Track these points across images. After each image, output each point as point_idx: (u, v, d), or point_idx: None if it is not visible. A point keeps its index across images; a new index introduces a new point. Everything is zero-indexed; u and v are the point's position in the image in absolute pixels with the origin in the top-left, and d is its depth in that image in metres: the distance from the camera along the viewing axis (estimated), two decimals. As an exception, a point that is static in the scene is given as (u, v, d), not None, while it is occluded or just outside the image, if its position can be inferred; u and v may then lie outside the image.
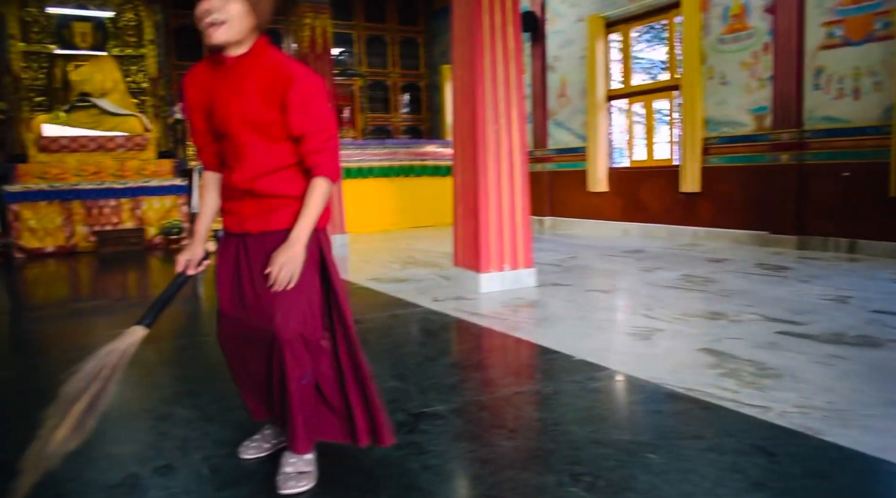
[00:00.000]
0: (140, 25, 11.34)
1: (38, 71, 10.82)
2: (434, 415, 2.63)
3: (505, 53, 5.25)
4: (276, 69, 1.90)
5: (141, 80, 11.33)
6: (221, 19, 1.83)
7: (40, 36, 10.83)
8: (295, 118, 1.88)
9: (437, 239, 9.33)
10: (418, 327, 4.30)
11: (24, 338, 4.69)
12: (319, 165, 1.93)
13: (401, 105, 14.08)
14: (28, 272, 7.78)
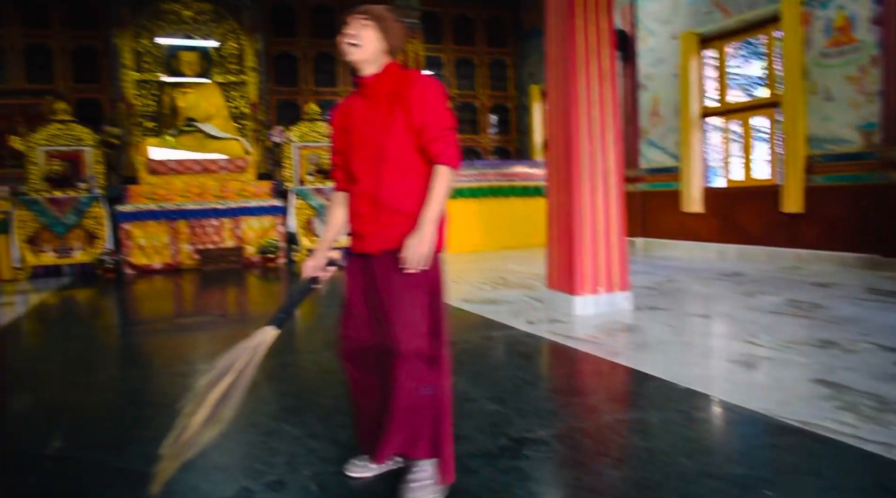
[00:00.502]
0: (242, 54, 11.89)
1: (149, 98, 11.50)
2: (537, 440, 2.61)
3: (600, 74, 5.21)
4: (400, 77, 2.16)
5: (242, 106, 11.86)
6: (357, 42, 2.13)
7: (151, 65, 11.53)
8: (416, 111, 2.08)
9: (526, 260, 9.29)
10: (514, 350, 4.28)
11: (132, 350, 4.95)
12: (439, 154, 2.09)
13: (489, 126, 14.16)
14: (137, 288, 8.21)
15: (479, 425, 2.80)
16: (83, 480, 2.42)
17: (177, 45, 11.61)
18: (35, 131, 9.89)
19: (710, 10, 9.13)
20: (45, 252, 9.31)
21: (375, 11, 2.17)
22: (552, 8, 5.37)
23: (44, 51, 11.34)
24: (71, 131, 9.94)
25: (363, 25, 2.14)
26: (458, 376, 3.57)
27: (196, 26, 11.75)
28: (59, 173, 9.57)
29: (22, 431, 3.01)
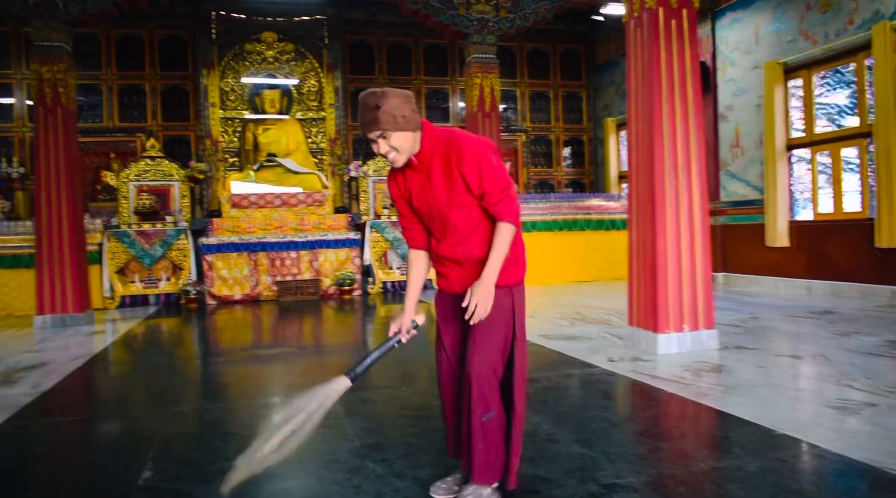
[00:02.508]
0: (321, 91, 12.25)
1: (233, 134, 11.96)
2: (628, 487, 2.50)
3: (683, 106, 5.11)
4: (447, 148, 2.22)
5: (320, 141, 12.18)
6: (394, 153, 2.20)
7: (235, 103, 12.02)
8: (474, 183, 2.20)
9: (603, 295, 9.12)
10: (596, 389, 4.16)
11: (215, 381, 5.07)
12: (501, 213, 2.23)
13: (563, 159, 14.08)
14: (218, 318, 8.44)
15: (566, 469, 2.71)
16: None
17: (260, 83, 12.07)
18: (127, 167, 10.38)
19: (794, 38, 8.88)
20: (133, 282, 9.70)
21: (384, 118, 2.12)
22: (634, 40, 5.32)
23: (137, 91, 11.97)
24: (160, 167, 10.40)
25: (385, 138, 2.16)
26: (541, 415, 3.50)
27: (278, 65, 12.19)
28: (148, 207, 9.99)
29: (113, 460, 3.09)
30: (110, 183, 10.91)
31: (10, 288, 9.17)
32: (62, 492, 2.76)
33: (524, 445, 2.96)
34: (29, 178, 11.13)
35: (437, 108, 13.29)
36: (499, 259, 2.22)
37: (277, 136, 11.57)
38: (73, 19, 8.04)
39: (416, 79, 13.12)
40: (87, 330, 7.57)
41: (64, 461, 3.21)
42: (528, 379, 4.26)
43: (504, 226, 2.22)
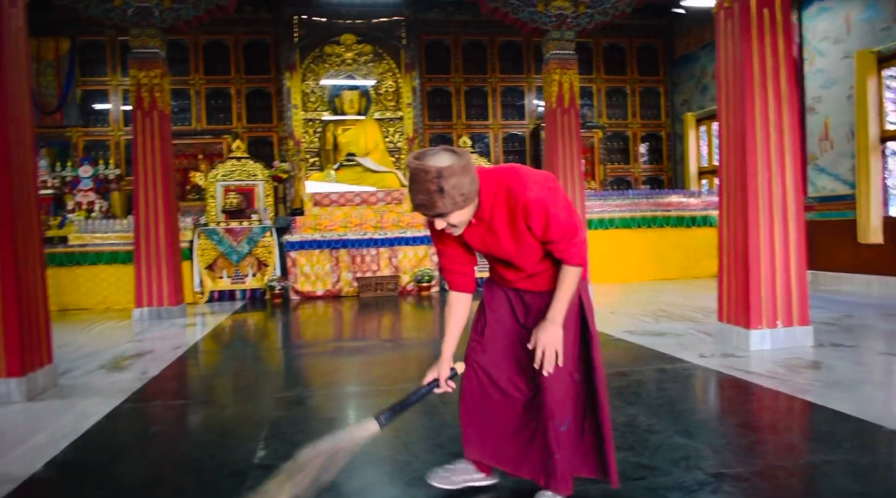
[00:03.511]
0: (398, 91, 12.46)
1: (314, 135, 12.29)
2: (736, 477, 2.49)
3: (777, 98, 4.99)
4: (509, 197, 2.01)
5: (398, 140, 12.38)
6: (456, 230, 2.03)
7: (316, 105, 12.35)
8: (540, 232, 2.03)
9: (683, 292, 8.96)
10: (690, 383, 4.13)
11: (304, 370, 5.24)
12: (567, 258, 2.09)
13: (641, 155, 13.88)
14: (302, 312, 8.68)
15: (670, 458, 2.72)
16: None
17: (339, 85, 12.36)
18: (214, 168, 10.80)
19: (888, 26, 8.52)
20: (221, 278, 10.08)
21: (445, 204, 1.86)
22: (725, 31, 5.22)
23: (223, 95, 12.43)
24: (245, 167, 10.76)
25: (446, 219, 1.95)
26: (637, 407, 3.50)
27: (356, 67, 12.45)
28: (235, 206, 10.37)
29: (228, 440, 3.26)
30: (198, 183, 11.37)
31: (109, 283, 9.67)
32: (184, 467, 2.93)
33: (623, 435, 3.00)
34: (124, 179, 11.71)
35: (512, 106, 13.30)
36: (565, 300, 2.09)
37: (356, 136, 11.83)
38: (168, 27, 8.43)
39: (492, 77, 13.16)
40: (182, 322, 7.92)
41: (182, 440, 3.41)
42: (619, 373, 4.30)
43: (569, 270, 2.10)
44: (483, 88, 13.10)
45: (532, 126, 13.20)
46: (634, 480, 2.50)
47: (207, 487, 2.60)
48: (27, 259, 4.35)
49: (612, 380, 4.13)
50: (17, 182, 4.27)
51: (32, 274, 4.43)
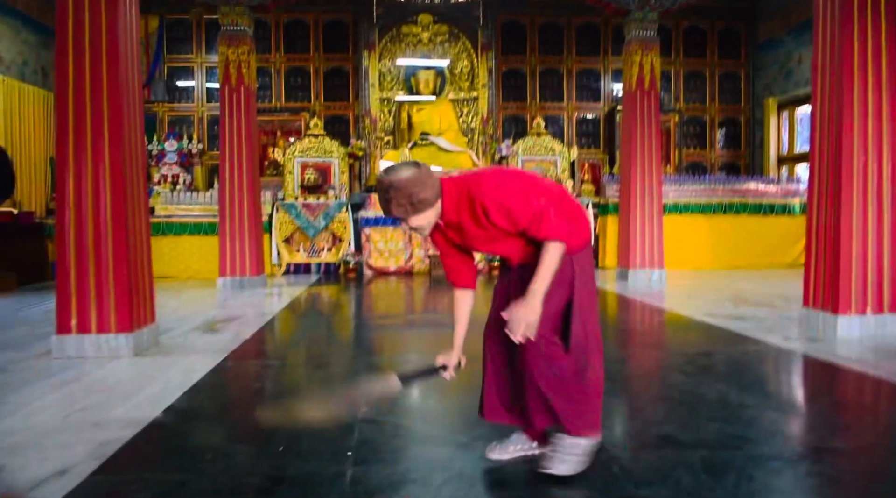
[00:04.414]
0: (474, 71, 12.50)
1: (388, 114, 12.47)
2: (835, 451, 2.51)
3: (877, 81, 4.85)
4: (470, 203, 2.19)
5: (472, 121, 12.45)
6: (422, 231, 2.22)
7: (391, 84, 12.51)
8: (507, 225, 2.18)
9: (762, 280, 8.80)
10: (778, 364, 4.11)
11: (365, 341, 5.42)
12: (541, 233, 2.16)
13: (717, 141, 13.59)
14: (374, 287, 8.89)
15: (765, 431, 2.75)
16: (394, 440, 2.74)
17: (415, 65, 12.49)
18: (292, 144, 11.08)
19: None
20: (298, 251, 10.38)
21: (397, 209, 2.11)
22: (823, 11, 5.09)
23: (302, 72, 12.70)
24: (322, 144, 11.01)
25: (409, 221, 2.16)
26: (727, 384, 3.53)
27: (433, 47, 12.54)
28: (313, 182, 10.64)
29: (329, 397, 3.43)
30: (276, 159, 11.69)
31: (191, 252, 10.07)
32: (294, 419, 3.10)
33: (715, 409, 3.04)
34: (206, 154, 12.14)
35: (588, 88, 13.18)
36: (546, 276, 2.15)
37: (430, 116, 11.95)
38: (255, 5, 8.69)
39: (567, 58, 13.07)
40: (262, 292, 8.22)
41: (284, 395, 3.60)
42: (704, 353, 4.31)
43: (547, 244, 2.16)
44: (558, 70, 13.02)
45: (607, 109, 13.07)
46: (732, 448, 2.54)
47: (320, 436, 2.76)
48: (136, 226, 4.62)
49: (698, 359, 4.15)
50: (128, 156, 4.54)
51: (139, 240, 4.71)
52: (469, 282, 2.46)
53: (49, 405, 3.35)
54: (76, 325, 4.40)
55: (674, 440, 2.65)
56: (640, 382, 3.87)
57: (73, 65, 4.40)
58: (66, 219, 4.38)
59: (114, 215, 4.41)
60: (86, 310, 4.40)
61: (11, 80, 9.89)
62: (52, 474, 2.42)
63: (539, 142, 11.26)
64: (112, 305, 4.43)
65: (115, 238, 4.41)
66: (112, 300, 4.43)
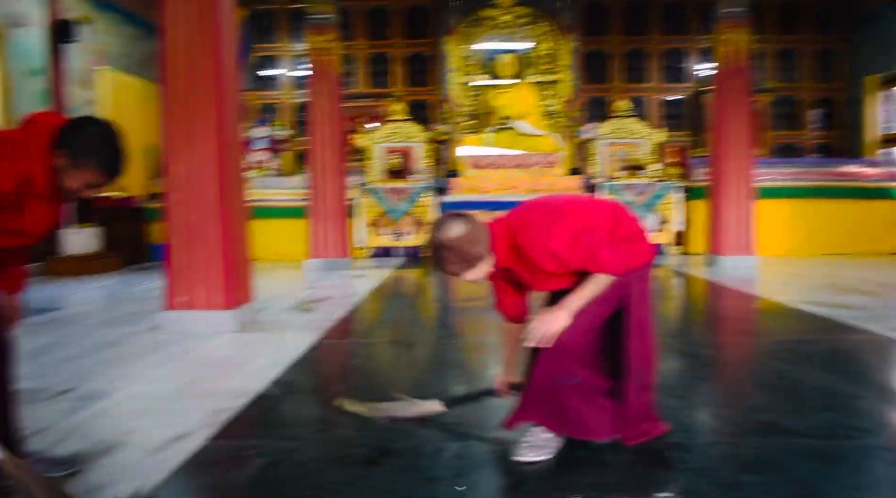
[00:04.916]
0: (556, 53, 12.36)
1: (469, 98, 12.50)
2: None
3: None
4: (520, 250, 2.16)
5: (554, 104, 12.33)
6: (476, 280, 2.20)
7: (472, 68, 12.52)
8: (558, 268, 2.17)
9: (861, 268, 8.41)
10: (887, 355, 3.95)
11: (447, 323, 5.53)
12: (595, 269, 2.17)
13: (810, 121, 13.01)
14: (458, 271, 8.96)
15: (879, 422, 2.69)
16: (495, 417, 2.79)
17: (495, 48, 12.44)
18: (375, 130, 11.26)
19: None
20: (382, 235, 10.57)
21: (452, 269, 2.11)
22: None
23: (383, 59, 12.87)
24: (404, 129, 11.14)
25: (464, 276, 2.14)
26: (833, 374, 3.44)
27: (513, 30, 12.47)
28: (395, 166, 10.80)
29: (424, 376, 3.53)
30: (359, 144, 11.89)
31: (280, 235, 10.37)
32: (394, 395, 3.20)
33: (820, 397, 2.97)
34: (293, 140, 12.47)
35: (673, 69, 12.84)
36: (585, 296, 2.19)
37: (512, 100, 11.89)
38: (341, -7, 8.86)
39: (652, 38, 12.76)
40: (349, 274, 8.44)
41: (381, 372, 3.73)
42: (806, 341, 4.19)
43: (598, 275, 2.18)
44: (642, 50, 12.73)
45: (693, 90, 12.69)
46: (843, 438, 2.48)
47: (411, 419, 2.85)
48: (235, 210, 4.83)
49: (798, 347, 4.04)
50: (229, 142, 4.74)
51: (239, 223, 4.92)
52: (519, 316, 2.47)
53: (163, 376, 3.57)
54: (183, 301, 4.65)
55: (779, 428, 2.60)
56: (737, 368, 3.81)
57: (178, 57, 4.61)
58: (175, 201, 4.61)
59: (217, 198, 4.62)
60: (192, 287, 4.63)
61: (115, 73, 10.41)
62: (174, 438, 2.59)
63: (623, 124, 11.06)
64: (216, 283, 4.65)
65: (223, 221, 4.62)
66: (216, 278, 4.65)
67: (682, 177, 11.10)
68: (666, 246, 10.35)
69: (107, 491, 2.13)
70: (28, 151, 1.83)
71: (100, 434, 2.63)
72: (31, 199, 1.88)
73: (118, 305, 6.16)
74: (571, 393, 2.30)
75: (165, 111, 4.65)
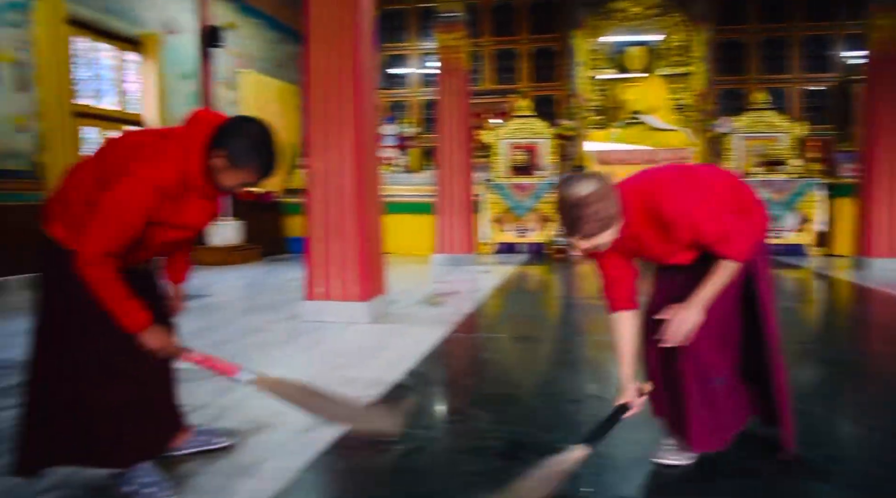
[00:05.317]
0: (688, 45, 11.90)
1: (596, 92, 12.28)
2: None
3: None
4: (651, 215, 2.04)
5: (685, 97, 11.89)
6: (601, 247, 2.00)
7: (600, 62, 12.29)
8: (690, 238, 2.04)
9: None
10: None
11: (572, 320, 5.46)
12: (723, 253, 2.05)
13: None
14: (582, 268, 8.85)
15: None
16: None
17: (623, 41, 12.16)
18: (500, 126, 11.30)
19: None
20: (506, 231, 10.62)
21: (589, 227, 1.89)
22: None
23: (509, 55, 12.89)
24: (529, 125, 11.12)
25: (595, 239, 1.94)
26: None
27: (643, 22, 12.13)
28: (521, 162, 10.80)
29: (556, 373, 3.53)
30: (484, 141, 11.98)
31: (404, 230, 10.61)
32: (527, 390, 3.23)
33: None
34: (419, 137, 12.74)
35: (816, 58, 12.03)
36: (716, 288, 2.08)
37: (641, 94, 11.59)
38: (471, -9, 8.96)
39: (792, 26, 12.01)
40: (474, 269, 8.53)
41: (514, 368, 3.76)
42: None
43: (724, 262, 2.05)
44: (782, 39, 12.00)
45: (839, 80, 11.85)
46: None
47: (552, 409, 2.86)
48: (371, 205, 5.02)
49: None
50: (367, 140, 4.93)
51: (374, 217, 5.11)
52: (630, 300, 2.25)
53: (304, 362, 3.78)
54: (321, 292, 4.88)
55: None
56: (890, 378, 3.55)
57: (320, 59, 4.84)
58: (315, 197, 4.85)
59: (355, 193, 4.82)
60: (330, 279, 4.86)
61: (257, 75, 11.04)
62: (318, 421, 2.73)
63: (760, 117, 10.51)
64: (352, 276, 4.86)
65: (357, 214, 4.82)
66: (352, 271, 4.85)
67: (826, 173, 10.39)
68: (807, 247, 9.77)
69: (264, 465, 2.29)
70: (189, 149, 1.94)
71: (251, 414, 2.82)
72: (191, 194, 2.00)
73: (259, 294, 6.55)
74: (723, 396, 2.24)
75: (307, 110, 4.90)
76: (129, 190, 1.85)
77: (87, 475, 2.16)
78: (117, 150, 2.00)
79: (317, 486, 2.25)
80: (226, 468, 2.26)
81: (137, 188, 1.85)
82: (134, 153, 1.94)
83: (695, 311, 2.09)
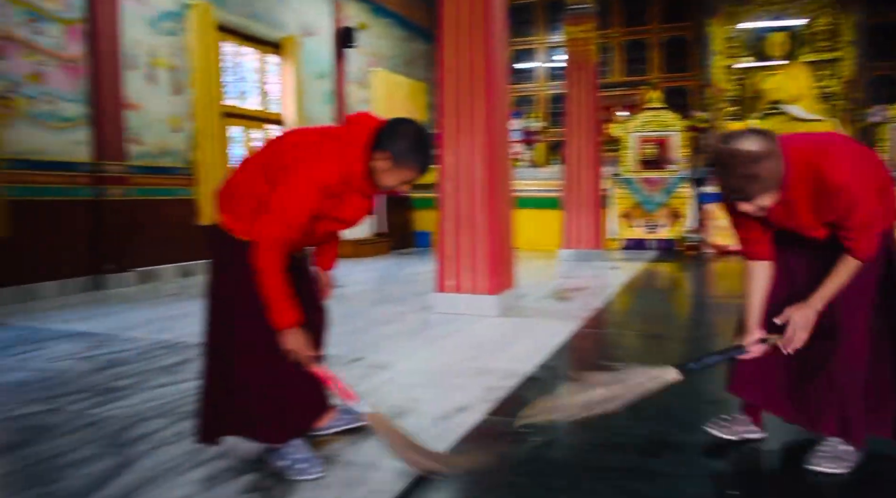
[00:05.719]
0: (835, 29, 11.11)
1: (732, 82, 11.71)
2: None
3: None
4: (816, 183, 1.90)
5: (831, 85, 11.11)
6: (761, 212, 1.94)
7: (737, 50, 11.70)
8: (841, 216, 1.91)
9: None
10: None
11: (704, 320, 5.26)
12: (850, 249, 1.96)
13: None
14: (713, 266, 8.50)
15: None
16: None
17: (763, 27, 11.52)
18: (630, 119, 11.02)
19: None
20: (635, 227, 10.36)
21: (754, 185, 1.82)
22: None
23: (639, 46, 12.55)
24: (660, 118, 10.76)
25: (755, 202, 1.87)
26: None
27: (784, 6, 11.43)
28: (651, 156, 10.49)
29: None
30: (613, 134, 11.72)
31: (531, 225, 10.57)
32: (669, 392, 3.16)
33: None
34: (545, 131, 12.65)
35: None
36: (835, 288, 2.00)
37: (782, 82, 10.95)
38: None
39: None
40: (602, 265, 8.38)
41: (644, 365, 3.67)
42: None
43: (848, 259, 1.96)
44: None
45: None
46: None
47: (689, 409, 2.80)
48: (502, 199, 5.05)
49: None
50: (497, 135, 4.97)
51: (505, 212, 5.14)
52: (767, 253, 2.18)
53: (437, 353, 3.86)
54: (452, 285, 4.97)
55: None
56: None
57: (452, 56, 4.93)
58: (447, 191, 4.95)
59: (486, 188, 4.87)
60: (460, 272, 4.94)
61: (388, 73, 11.37)
62: (455, 409, 2.80)
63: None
64: (483, 269, 4.91)
65: (487, 208, 4.87)
66: (483, 264, 4.91)
67: None
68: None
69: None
70: (350, 151, 2.07)
71: (390, 400, 2.92)
72: (352, 192, 2.13)
73: (390, 285, 6.76)
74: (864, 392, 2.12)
75: (440, 105, 5.00)
76: (297, 187, 2.01)
77: (245, 448, 2.32)
78: (282, 147, 2.16)
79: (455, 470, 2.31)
80: (370, 448, 2.36)
81: (304, 186, 2.01)
82: (298, 152, 2.09)
83: (809, 311, 2.04)
